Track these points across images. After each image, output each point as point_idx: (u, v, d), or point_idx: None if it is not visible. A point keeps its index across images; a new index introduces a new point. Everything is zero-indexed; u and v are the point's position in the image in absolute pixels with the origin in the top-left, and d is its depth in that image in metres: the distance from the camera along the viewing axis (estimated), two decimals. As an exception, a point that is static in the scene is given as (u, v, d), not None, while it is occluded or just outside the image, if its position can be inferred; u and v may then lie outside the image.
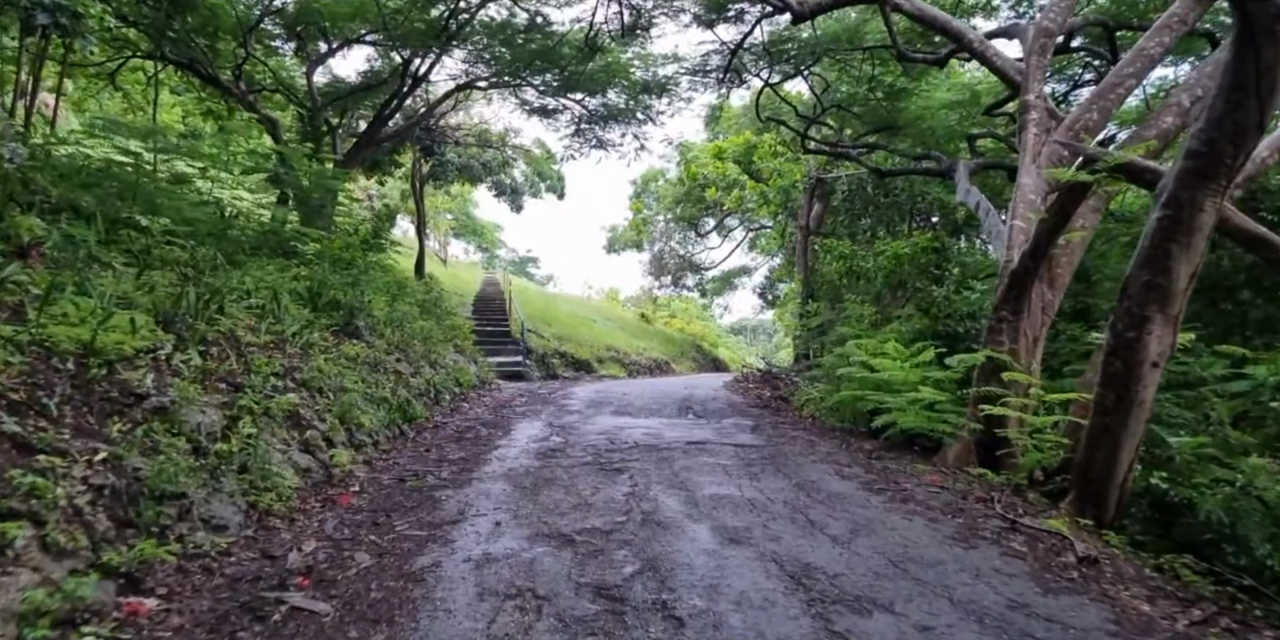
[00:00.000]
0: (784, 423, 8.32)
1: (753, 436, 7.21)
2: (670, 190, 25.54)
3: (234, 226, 9.18)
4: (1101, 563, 3.85)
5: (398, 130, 16.39)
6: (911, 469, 5.99)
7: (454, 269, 29.45)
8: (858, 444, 7.15)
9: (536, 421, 7.93)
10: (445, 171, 18.63)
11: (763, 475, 5.47)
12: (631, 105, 14.76)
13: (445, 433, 7.19)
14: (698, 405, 9.54)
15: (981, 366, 6.66)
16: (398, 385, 7.63)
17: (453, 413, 8.41)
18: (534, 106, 15.53)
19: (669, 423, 7.98)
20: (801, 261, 18.11)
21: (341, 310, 8.29)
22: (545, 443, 6.71)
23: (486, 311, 18.65)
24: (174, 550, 3.35)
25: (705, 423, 8.10)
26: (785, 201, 17.09)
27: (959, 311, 7.68)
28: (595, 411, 8.74)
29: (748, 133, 17.85)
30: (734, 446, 6.59)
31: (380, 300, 9.95)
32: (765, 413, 9.27)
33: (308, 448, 5.23)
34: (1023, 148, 7.39)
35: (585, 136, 14.99)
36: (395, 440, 6.60)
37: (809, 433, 7.70)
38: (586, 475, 5.39)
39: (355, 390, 6.52)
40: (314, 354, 6.62)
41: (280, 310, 6.96)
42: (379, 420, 6.48)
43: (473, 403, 9.31)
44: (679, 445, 6.58)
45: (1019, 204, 7.11)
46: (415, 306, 11.60)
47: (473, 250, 47.60)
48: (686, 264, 29.22)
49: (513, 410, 8.82)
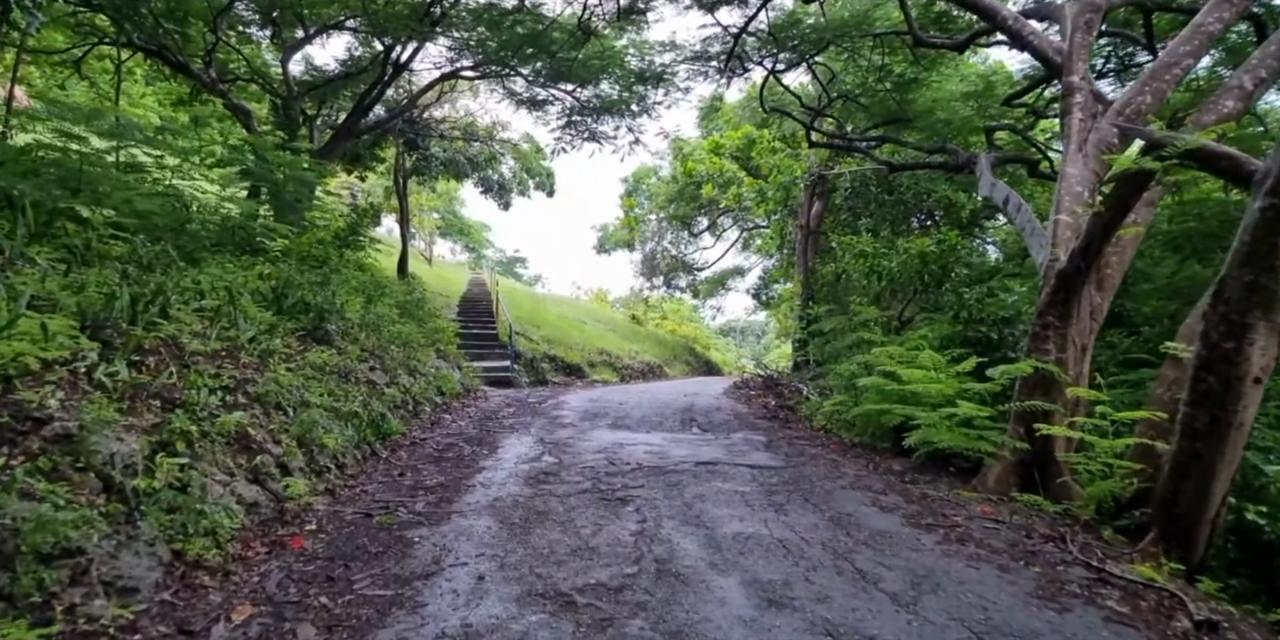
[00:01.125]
0: (798, 438, 7.59)
1: (768, 456, 6.47)
2: (663, 188, 24.81)
3: (194, 220, 8.35)
4: (1222, 629, 3.13)
5: (379, 122, 15.57)
6: (954, 496, 5.27)
7: (439, 269, 28.57)
8: (885, 463, 6.43)
9: (526, 437, 7.15)
10: (429, 166, 17.80)
11: (789, 506, 4.73)
12: (625, 96, 14.02)
13: (424, 451, 6.40)
14: (701, 417, 8.80)
15: (1025, 378, 5.97)
16: (371, 397, 6.83)
17: (433, 426, 7.62)
18: (522, 97, 14.74)
19: (673, 438, 7.23)
20: (801, 261, 17.41)
21: (310, 312, 7.50)
22: (537, 463, 5.94)
23: (473, 313, 17.83)
24: (50, 633, 2.56)
25: (712, 438, 7.35)
26: (785, 199, 16.38)
27: (991, 316, 6.96)
28: (591, 424, 7.97)
29: (746, 126, 17.14)
30: (750, 468, 5.85)
31: (355, 301, 9.16)
32: (774, 425, 8.54)
33: (257, 477, 4.43)
34: (1066, 135, 6.69)
35: (577, 128, 14.21)
36: (365, 462, 5.80)
37: (828, 450, 6.97)
38: (586, 507, 4.63)
39: (319, 405, 5.72)
40: (273, 363, 5.83)
41: (236, 313, 6.17)
42: (346, 439, 5.69)
43: (456, 414, 8.52)
44: (688, 467, 5.83)
45: (1064, 197, 6.41)
46: (395, 308, 10.80)
47: (459, 250, 46.71)
48: (679, 264, 28.47)
49: (500, 423, 8.04)
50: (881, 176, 15.92)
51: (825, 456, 6.54)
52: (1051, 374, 5.87)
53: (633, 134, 14.68)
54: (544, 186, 20.81)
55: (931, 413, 6.17)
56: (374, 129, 15.85)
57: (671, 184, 23.91)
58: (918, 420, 6.23)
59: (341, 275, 8.66)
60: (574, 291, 39.03)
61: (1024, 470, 5.93)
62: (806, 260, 17.37)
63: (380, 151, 18.25)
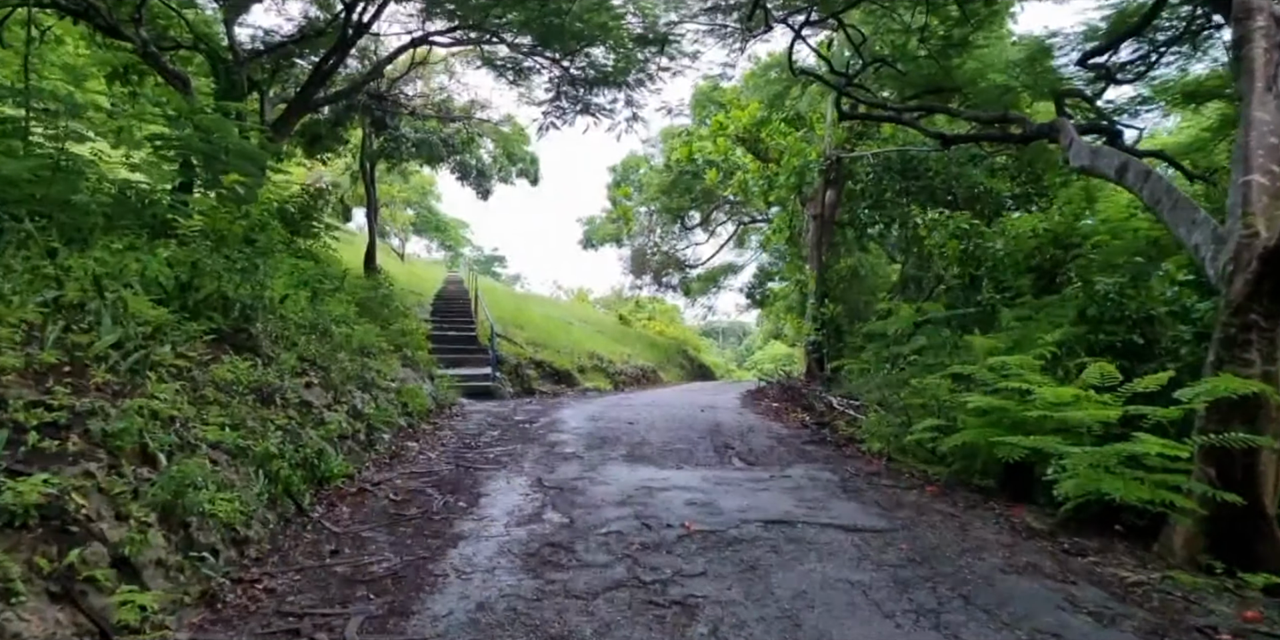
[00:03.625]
0: (873, 473, 5.82)
1: (856, 506, 4.69)
2: (655, 178, 22.99)
3: (81, 190, 6.42)
4: None
5: (340, 93, 13.59)
6: (1175, 584, 3.54)
7: (413, 266, 26.52)
8: (1013, 516, 4.69)
9: (518, 477, 5.31)
10: (399, 148, 15.81)
11: (948, 614, 2.96)
12: (622, 66, 12.19)
13: (376, 504, 4.54)
14: (736, 440, 7.01)
15: (1216, 400, 4.27)
16: (303, 426, 4.95)
17: (393, 461, 5.75)
18: (505, 65, 12.86)
19: (715, 477, 5.43)
20: (815, 255, 15.71)
21: (231, 310, 5.66)
22: (538, 526, 4.11)
23: (449, 313, 15.90)
24: None
25: (766, 475, 5.56)
26: (799, 184, 14.67)
27: (1136, 313, 5.25)
28: (601, 455, 6.15)
29: (754, 104, 15.39)
30: (844, 531, 4.08)
31: (299, 296, 7.28)
32: (829, 452, 6.79)
33: (67, 593, 2.57)
34: (1247, 71, 5.00)
35: (569, 99, 12.35)
36: (284, 531, 3.94)
37: (923, 494, 5.22)
38: (626, 623, 2.82)
39: (217, 445, 3.87)
40: (152, 382, 3.97)
41: (107, 309, 4.30)
42: (253, 498, 3.82)
43: (425, 441, 6.65)
44: (756, 530, 4.04)
45: (1254, 151, 4.72)
46: (352, 306, 8.90)
47: (435, 248, 44.57)
48: (670, 260, 26.66)
49: (482, 454, 6.19)
50: (907, 160, 14.31)
51: (932, 507, 4.78)
52: (1260, 394, 4.19)
53: (631, 108, 12.86)
54: (527, 173, 18.88)
55: (1084, 447, 4.44)
56: (334, 102, 13.87)
57: (665, 173, 22.10)
58: (1063, 458, 4.49)
59: (278, 262, 6.75)
60: (555, 291, 37.16)
61: (1221, 528, 4.25)
62: (820, 254, 15.67)
63: (344, 132, 16.25)
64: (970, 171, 14.35)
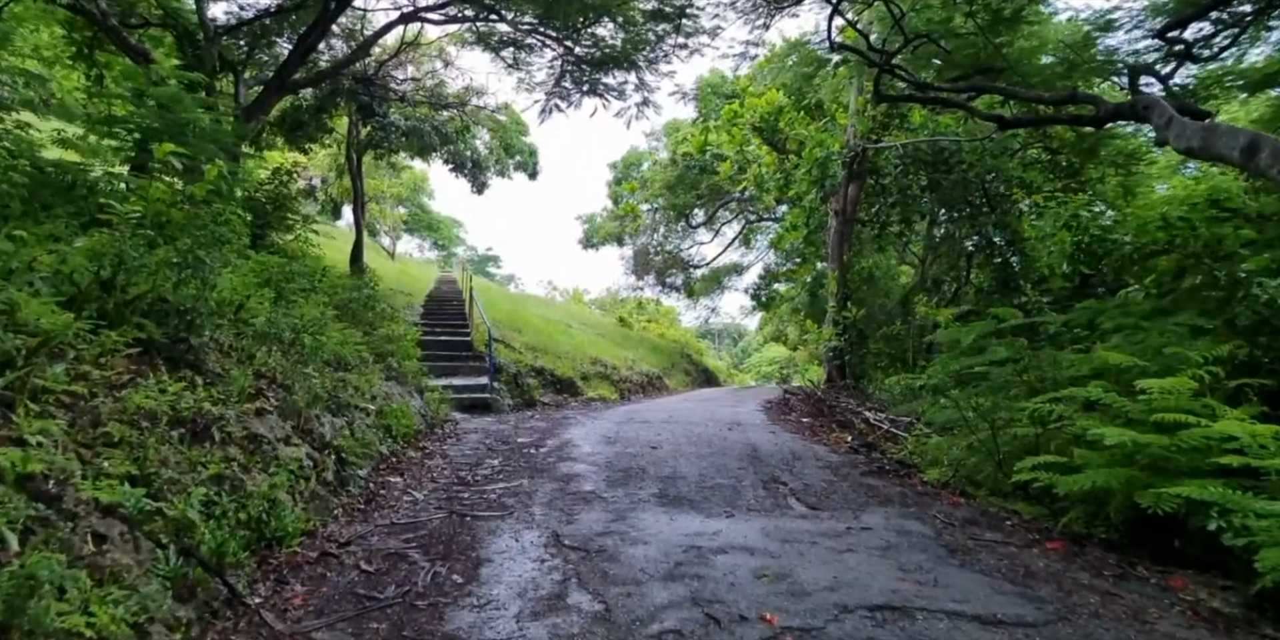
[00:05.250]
0: (972, 523, 4.68)
1: (978, 578, 3.56)
2: (660, 174, 21.83)
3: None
4: None
5: (322, 73, 12.39)
6: None
7: (404, 265, 25.32)
8: (1181, 588, 3.57)
9: (528, 531, 4.16)
10: (388, 137, 14.63)
11: None
12: (633, 46, 11.05)
13: (338, 581, 3.38)
14: (784, 472, 5.87)
15: None
16: (248, 470, 3.79)
17: (369, 506, 4.59)
18: (503, 41, 11.68)
19: (778, 529, 4.28)
20: (836, 254, 14.60)
21: (171, 317, 4.55)
22: (561, 620, 2.96)
23: (441, 315, 14.72)
24: None
25: (841, 526, 4.42)
26: (822, 178, 13.55)
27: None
28: (627, 495, 5.00)
29: (772, 92, 14.27)
30: (980, 624, 2.96)
31: (263, 297, 6.13)
32: (897, 486, 5.66)
33: None
34: None
35: (575, 80, 11.20)
36: (202, 635, 2.78)
37: (1047, 553, 4.09)
38: None
39: (117, 502, 2.73)
40: (19, 418, 2.86)
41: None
42: (154, 597, 2.65)
43: (411, 474, 5.49)
44: (861, 626, 2.91)
45: None
46: (329, 309, 7.72)
47: (428, 247, 43.37)
48: (674, 260, 25.50)
49: (481, 494, 5.03)
50: (938, 151, 13.23)
51: (1074, 579, 3.64)
52: None
53: (641, 93, 11.72)
54: (525, 166, 17.71)
55: (1288, 503, 3.33)
56: (316, 83, 12.68)
57: (670, 168, 20.95)
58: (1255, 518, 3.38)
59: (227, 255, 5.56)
60: (550, 292, 35.96)
61: None
62: (842, 253, 14.57)
63: (329, 120, 15.05)
64: (1006, 163, 13.30)
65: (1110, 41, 10.15)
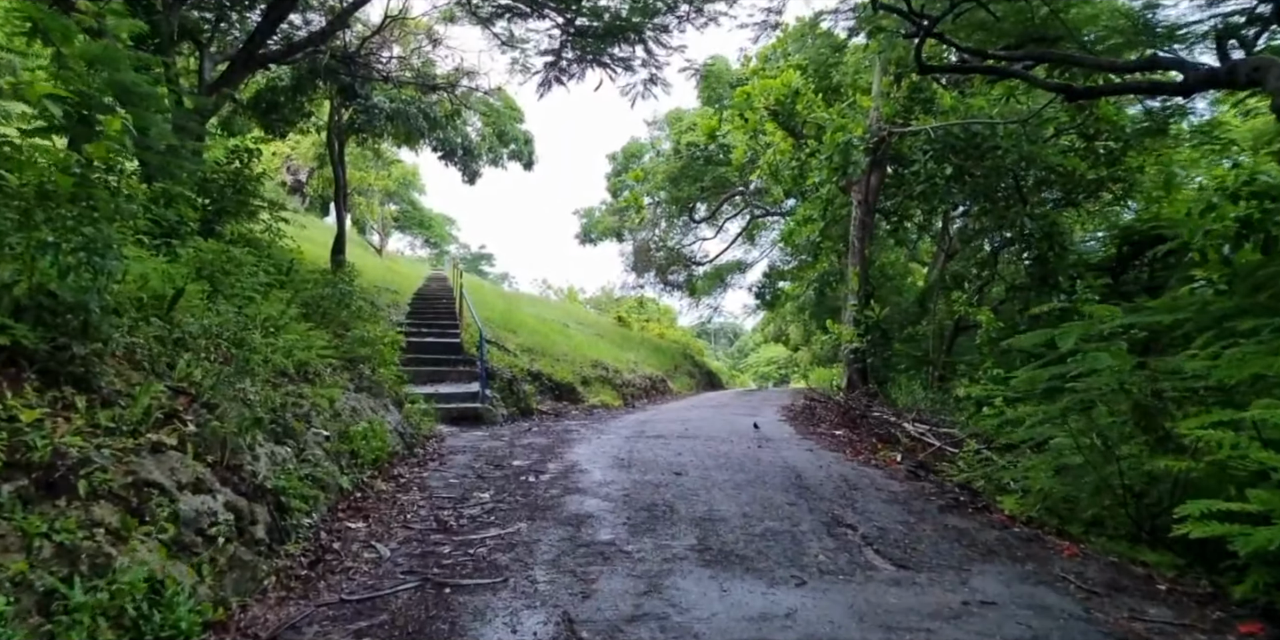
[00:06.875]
0: (1119, 589, 3.54)
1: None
2: (662, 166, 20.66)
3: None
4: None
5: (297, 45, 11.19)
6: None
7: (394, 262, 24.08)
8: None
9: (530, 613, 2.99)
10: (372, 120, 13.41)
11: None
12: (637, 17, 9.90)
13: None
14: (847, 510, 4.71)
15: None
16: (124, 538, 2.63)
17: (313, 571, 3.42)
18: (497, 12, 10.51)
19: (873, 609, 3.12)
20: (858, 248, 13.47)
21: (56, 316, 3.43)
22: None
23: (428, 315, 13.52)
24: None
25: (955, 599, 3.27)
26: (844, 164, 12.42)
27: None
28: (657, 547, 3.84)
29: (789, 72, 13.13)
30: None
31: (194, 291, 4.98)
32: (989, 528, 4.53)
33: None
34: None
35: (577, 49, 10.03)
36: None
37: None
38: None
39: None
40: None
41: None
42: None
43: (378, 517, 4.32)
44: None
45: None
46: (294, 306, 6.54)
47: (419, 245, 42.08)
48: (676, 257, 24.32)
49: (466, 548, 3.86)
50: (971, 136, 12.11)
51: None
52: None
53: (649, 68, 10.57)
54: (520, 155, 16.52)
55: None
56: (291, 56, 11.45)
57: (672, 159, 19.80)
58: None
59: (118, 235, 4.37)
60: (544, 290, 34.80)
61: None
62: (864, 245, 13.44)
63: (307, 102, 13.83)
64: (1043, 149, 12.21)
65: (1169, 12, 9.09)
